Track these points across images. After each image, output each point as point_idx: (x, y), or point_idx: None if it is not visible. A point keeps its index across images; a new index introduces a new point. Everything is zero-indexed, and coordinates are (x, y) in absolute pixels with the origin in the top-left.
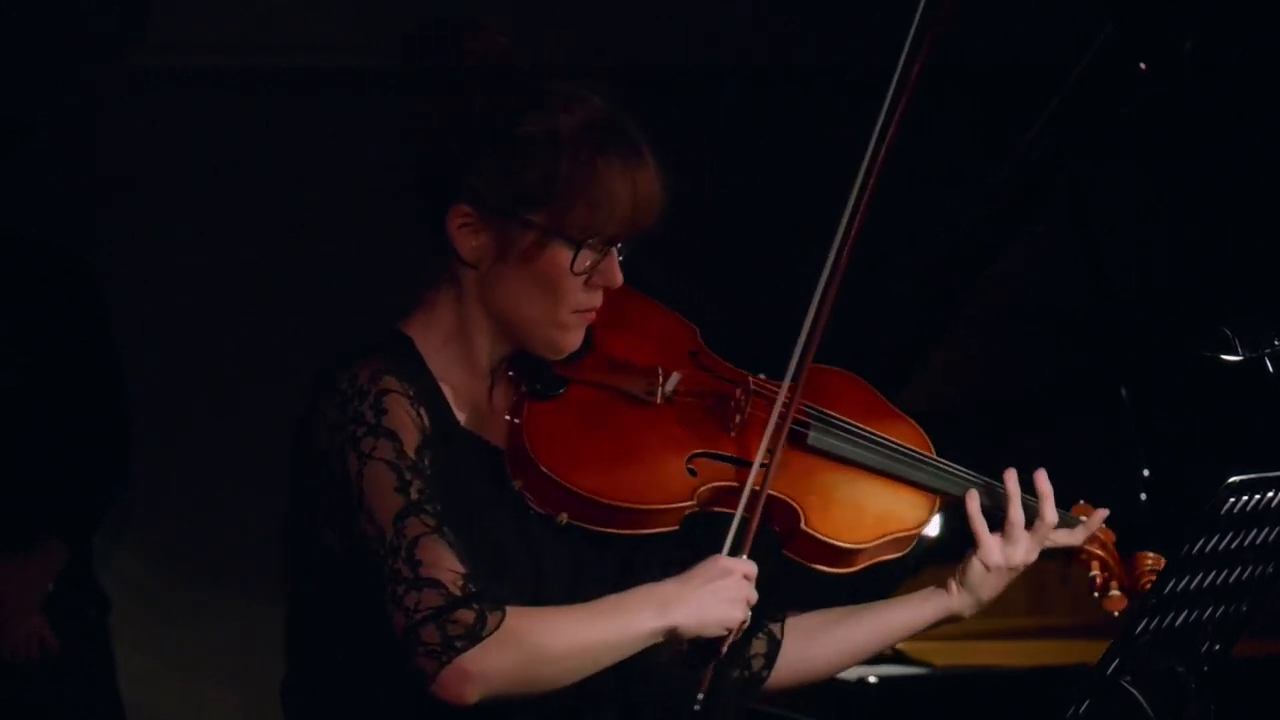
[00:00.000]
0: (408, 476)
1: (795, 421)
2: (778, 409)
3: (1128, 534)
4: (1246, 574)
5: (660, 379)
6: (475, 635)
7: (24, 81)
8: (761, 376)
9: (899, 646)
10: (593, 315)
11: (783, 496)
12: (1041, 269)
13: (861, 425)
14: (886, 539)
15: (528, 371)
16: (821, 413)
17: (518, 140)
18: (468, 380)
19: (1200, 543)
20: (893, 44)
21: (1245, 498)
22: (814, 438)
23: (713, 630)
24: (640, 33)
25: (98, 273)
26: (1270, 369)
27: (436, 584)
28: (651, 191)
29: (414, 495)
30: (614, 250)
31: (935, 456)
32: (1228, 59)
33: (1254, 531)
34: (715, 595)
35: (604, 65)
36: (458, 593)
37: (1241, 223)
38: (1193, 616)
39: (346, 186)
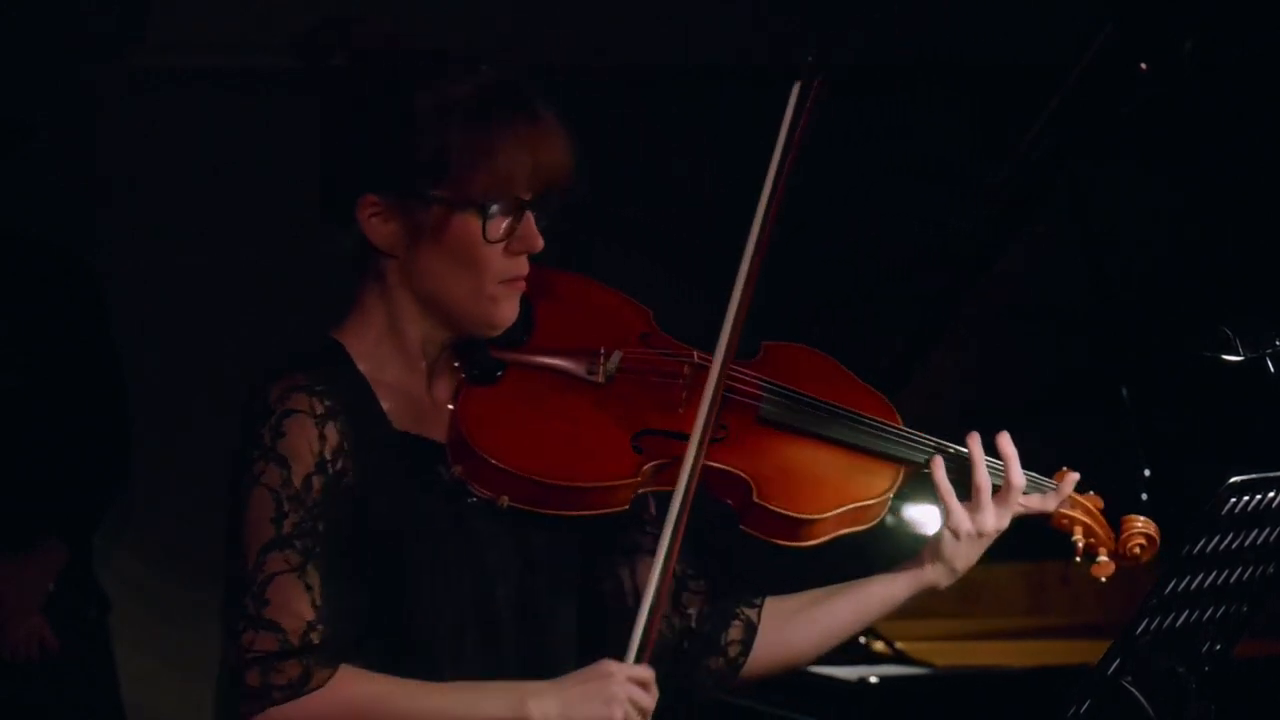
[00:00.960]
0: (286, 508)
1: (748, 395)
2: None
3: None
4: (1246, 574)
5: (602, 358)
6: (295, 689)
7: (24, 81)
8: (709, 354)
9: (899, 646)
10: (522, 284)
11: (731, 469)
12: (1041, 269)
13: (819, 397)
14: (846, 509)
15: (463, 362)
16: (775, 385)
17: (409, 117)
18: (405, 377)
19: (1200, 543)
20: (889, 43)
21: (1245, 498)
22: (766, 410)
23: None
24: (641, 33)
25: (98, 273)
26: (1270, 369)
27: (276, 628)
28: (553, 150)
29: (286, 529)
30: (529, 214)
31: (899, 425)
32: (1228, 59)
33: (1254, 531)
34: (587, 694)
35: (604, 65)
36: (294, 641)
37: (1241, 223)
38: (1193, 616)
39: None
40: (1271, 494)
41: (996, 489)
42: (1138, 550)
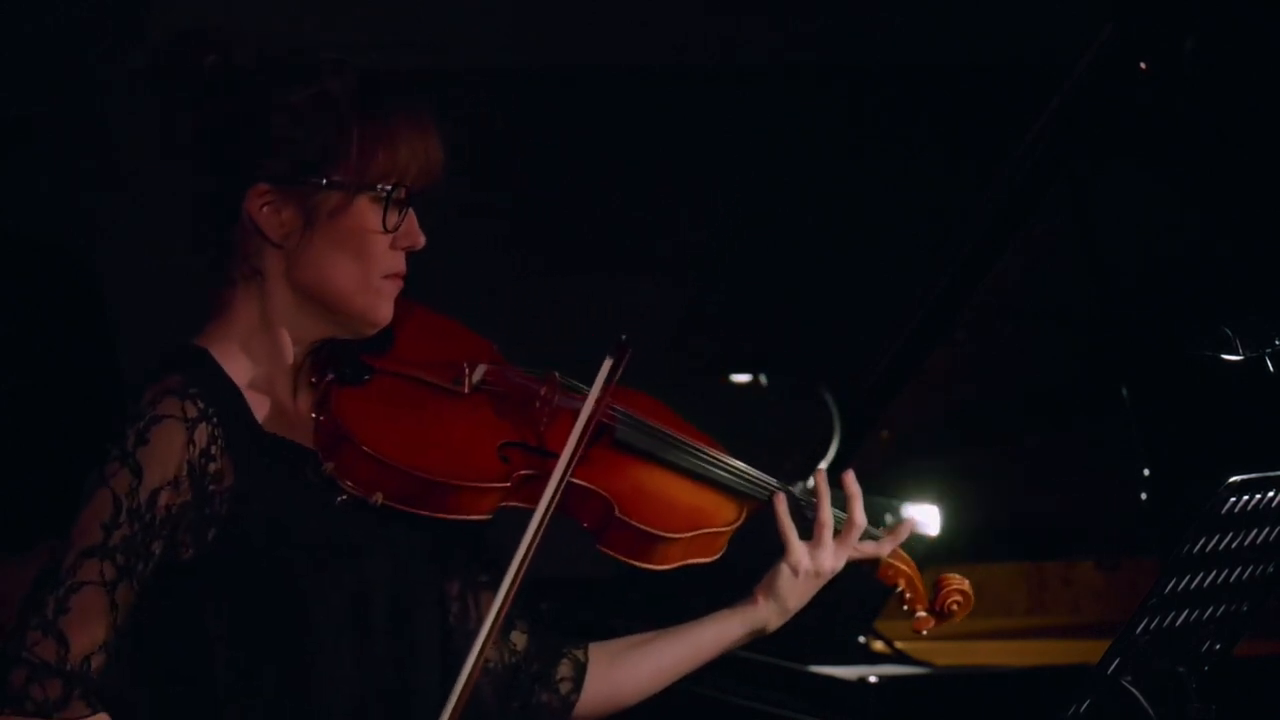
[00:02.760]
0: (121, 519)
1: (603, 419)
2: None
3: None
4: (1246, 574)
5: (466, 370)
6: (49, 711)
7: (24, 81)
8: (568, 380)
9: (899, 646)
10: (400, 283)
11: (593, 487)
12: (1041, 269)
13: (666, 428)
14: (699, 533)
15: (331, 364)
16: (628, 413)
17: (294, 108)
18: (272, 381)
19: (1200, 543)
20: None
21: (1245, 498)
22: (622, 432)
23: None
24: (641, 33)
25: (98, 273)
26: (1270, 369)
27: (64, 641)
28: (437, 147)
29: (114, 540)
30: (412, 210)
31: (738, 463)
32: (1228, 59)
33: (1254, 531)
34: None
35: (604, 65)
36: (73, 664)
37: (1241, 223)
38: (1193, 616)
39: None
40: (1271, 494)
41: (837, 531)
42: (955, 607)
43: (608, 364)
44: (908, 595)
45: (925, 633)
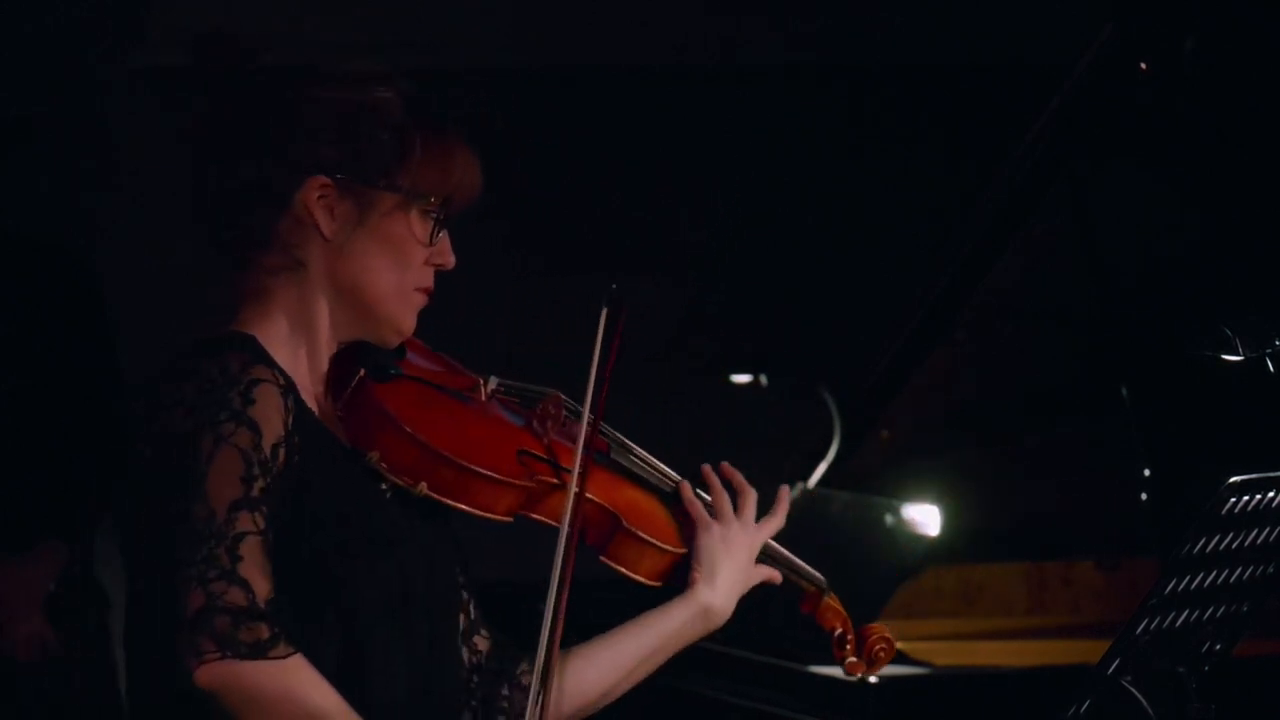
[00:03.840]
0: (255, 471)
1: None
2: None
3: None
4: (1246, 574)
5: (481, 383)
6: (261, 650)
7: (24, 81)
8: (570, 404)
9: (899, 646)
10: (427, 299)
11: (602, 501)
12: (1041, 269)
13: (645, 455)
14: (685, 551)
15: (359, 360)
16: (617, 437)
17: (356, 110)
18: (310, 373)
19: (1200, 543)
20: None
21: (1245, 498)
22: (616, 453)
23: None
24: (641, 33)
25: (98, 273)
26: (1270, 369)
27: (248, 586)
28: (479, 172)
29: (255, 492)
30: (445, 232)
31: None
32: (1228, 59)
33: (1254, 531)
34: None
35: (604, 65)
36: (262, 605)
37: (1241, 223)
38: (1193, 616)
39: None
40: (1271, 494)
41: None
42: (881, 653)
43: (604, 314)
44: (847, 638)
45: (857, 677)
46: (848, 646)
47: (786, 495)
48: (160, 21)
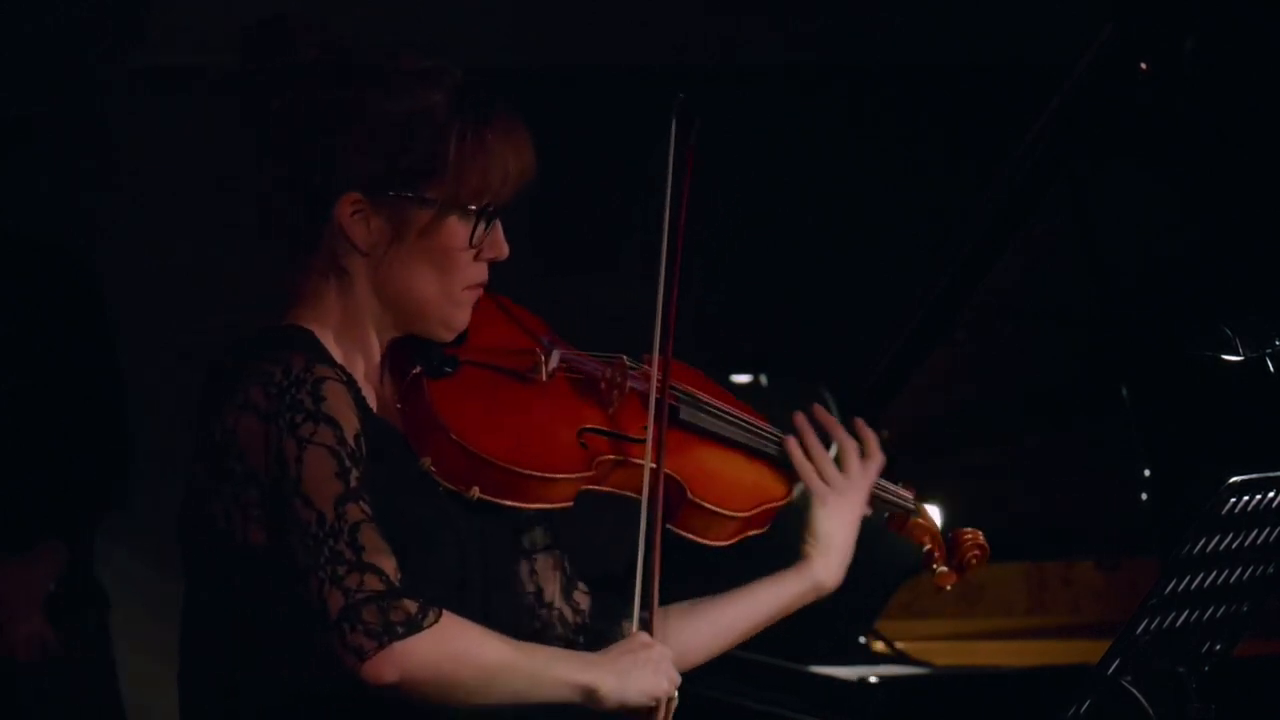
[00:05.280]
0: (347, 464)
1: (667, 400)
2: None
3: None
4: (1246, 574)
5: (542, 357)
6: (416, 624)
7: (24, 81)
8: (624, 358)
9: (899, 646)
10: (481, 291)
11: (668, 471)
12: (1041, 269)
13: (720, 404)
14: (760, 509)
15: (415, 355)
16: (688, 391)
17: (397, 118)
18: (365, 368)
19: (1200, 543)
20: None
21: (1245, 498)
22: (686, 413)
23: (634, 698)
24: (641, 33)
25: (98, 273)
26: (1270, 369)
27: (379, 570)
28: (529, 156)
29: (353, 483)
30: (498, 221)
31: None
32: (1228, 59)
33: (1254, 531)
34: (636, 663)
35: (604, 65)
36: (396, 583)
37: (1241, 223)
38: (1193, 616)
39: None
40: (1271, 494)
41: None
42: (974, 559)
43: (674, 126)
44: (935, 553)
45: (949, 588)
46: (936, 560)
47: (867, 429)
48: (160, 21)
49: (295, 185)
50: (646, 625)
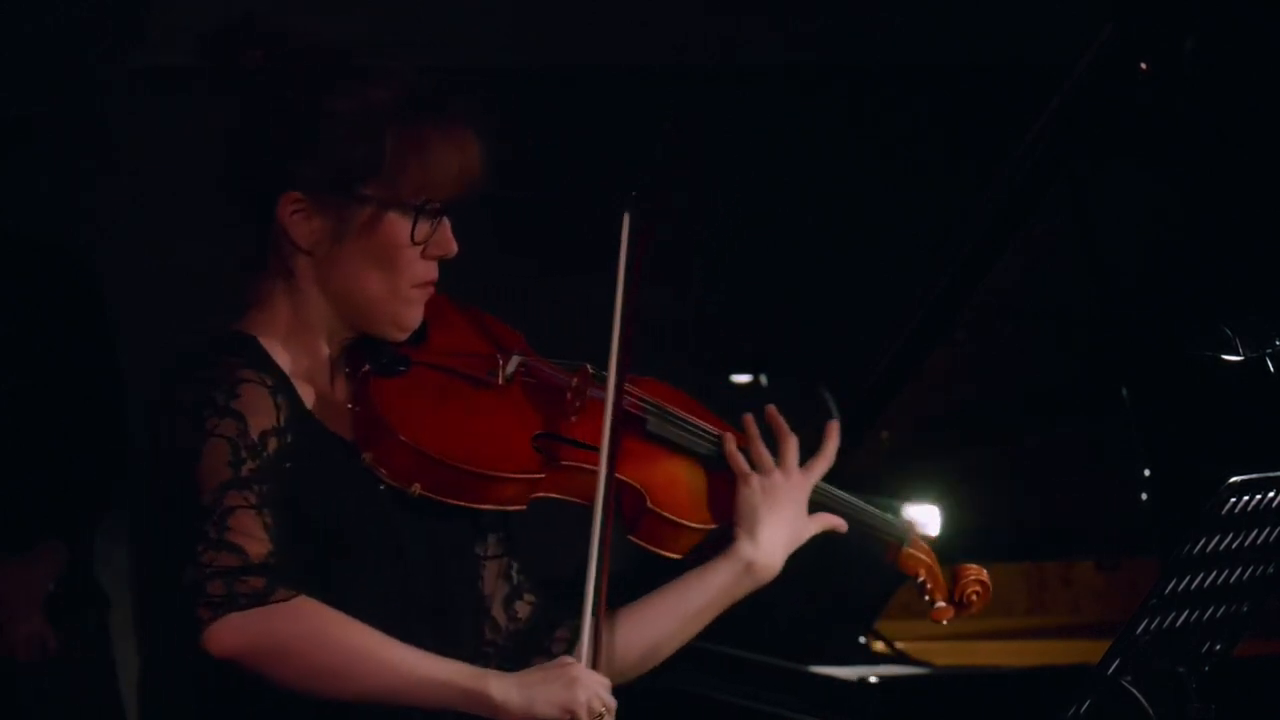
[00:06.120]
0: (243, 454)
1: (633, 410)
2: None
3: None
4: (1246, 574)
5: (501, 361)
6: (260, 598)
7: (24, 81)
8: (600, 372)
9: (899, 646)
10: (432, 289)
11: (626, 479)
12: (1041, 269)
13: (691, 418)
14: (728, 522)
15: (367, 355)
16: (657, 404)
17: (338, 117)
18: (312, 373)
19: (1200, 543)
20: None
21: (1245, 498)
22: (653, 424)
23: (543, 709)
24: (641, 33)
25: (98, 273)
26: (1270, 369)
27: (237, 549)
28: (474, 154)
29: (244, 472)
30: (445, 219)
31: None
32: (1228, 59)
33: (1254, 531)
34: (549, 678)
35: (604, 65)
36: (256, 561)
37: (1241, 223)
38: (1193, 616)
39: None
40: (1271, 494)
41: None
42: (974, 597)
43: (626, 220)
44: (928, 585)
45: (945, 623)
46: (928, 594)
47: (835, 432)
48: (160, 21)
49: (238, 186)
50: (595, 631)
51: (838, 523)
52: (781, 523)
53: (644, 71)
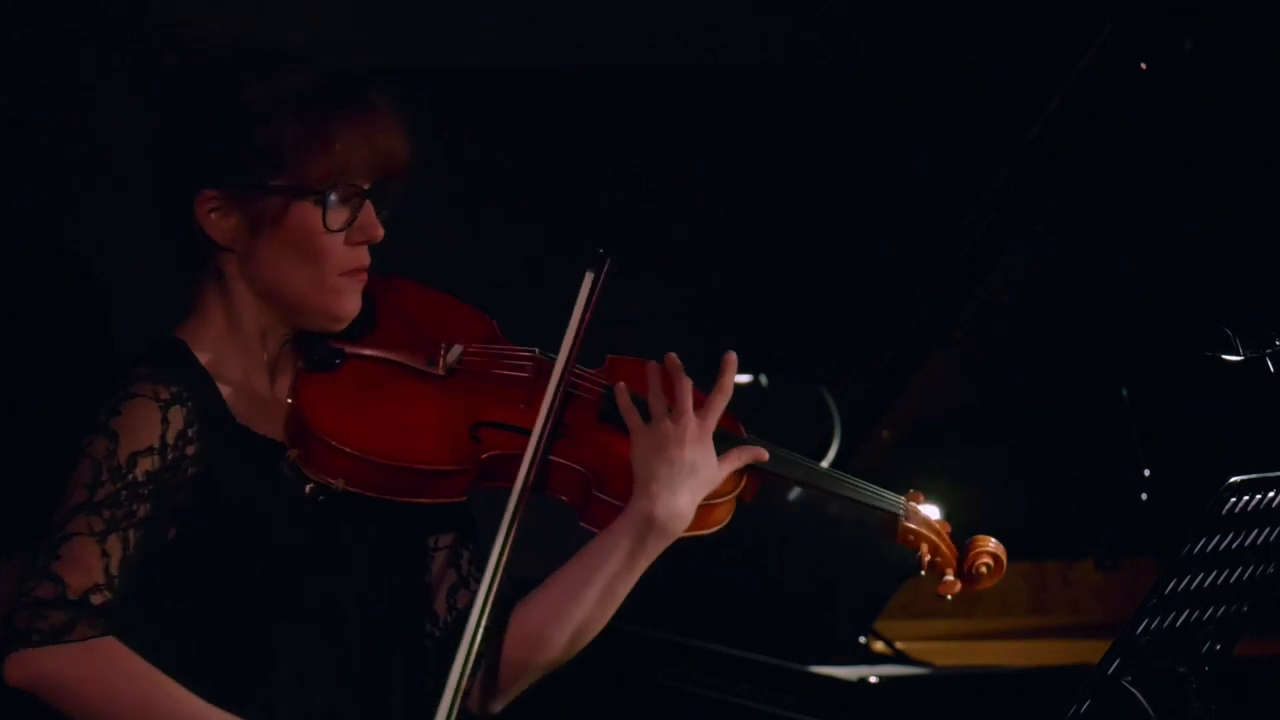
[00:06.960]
0: (103, 477)
1: (588, 394)
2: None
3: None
4: (1246, 574)
5: (441, 350)
6: (54, 636)
7: (23, 80)
8: (549, 355)
9: (899, 646)
10: (364, 276)
11: (570, 464)
12: (1041, 269)
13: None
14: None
15: (303, 350)
16: (611, 387)
17: (242, 109)
18: (247, 374)
19: (1200, 543)
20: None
21: (1245, 498)
22: (606, 408)
23: None
24: (641, 33)
25: (98, 273)
26: (1271, 369)
27: (58, 580)
28: (390, 138)
29: (98, 496)
30: (368, 203)
31: (741, 434)
32: (1228, 59)
33: (1254, 531)
34: None
35: (604, 65)
36: (70, 596)
37: (1241, 223)
38: (1193, 616)
39: None
40: (1271, 494)
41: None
42: (984, 569)
43: (588, 279)
44: (935, 560)
45: (950, 597)
46: (933, 566)
47: (732, 363)
48: (160, 22)
49: (160, 189)
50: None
51: (756, 454)
52: (677, 472)
53: (644, 71)
